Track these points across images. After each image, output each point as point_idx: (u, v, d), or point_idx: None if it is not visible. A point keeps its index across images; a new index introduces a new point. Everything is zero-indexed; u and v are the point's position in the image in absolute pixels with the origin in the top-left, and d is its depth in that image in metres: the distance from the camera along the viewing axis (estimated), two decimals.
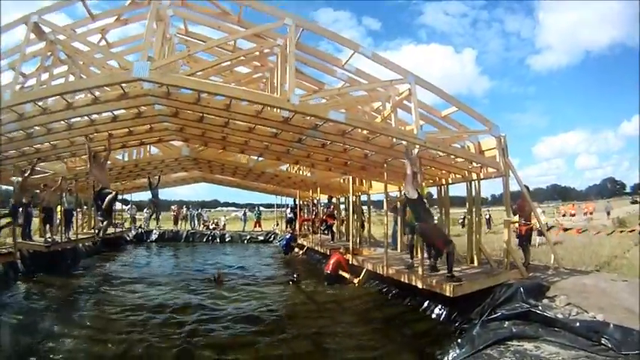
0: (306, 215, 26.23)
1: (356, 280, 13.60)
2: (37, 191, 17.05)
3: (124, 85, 8.51)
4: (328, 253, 16.25)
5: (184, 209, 36.32)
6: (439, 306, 9.87)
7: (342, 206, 22.71)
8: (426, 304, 10.28)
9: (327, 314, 10.95)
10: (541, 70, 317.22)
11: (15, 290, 13.17)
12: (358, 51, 8.88)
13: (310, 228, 24.33)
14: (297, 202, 26.53)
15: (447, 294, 8.93)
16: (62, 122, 10.63)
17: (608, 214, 36.45)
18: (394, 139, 10.02)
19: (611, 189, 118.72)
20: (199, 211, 38.56)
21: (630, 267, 11.70)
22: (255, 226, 34.90)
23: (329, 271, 14.39)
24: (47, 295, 12.72)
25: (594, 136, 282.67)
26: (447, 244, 9.48)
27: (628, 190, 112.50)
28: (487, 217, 32.27)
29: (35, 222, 18.31)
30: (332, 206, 21.89)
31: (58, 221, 18.77)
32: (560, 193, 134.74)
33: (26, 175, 13.83)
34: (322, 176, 18.55)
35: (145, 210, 31.90)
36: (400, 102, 10.22)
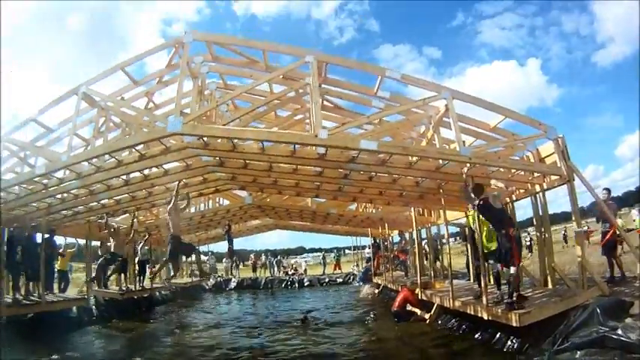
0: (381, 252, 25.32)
1: (427, 316, 12.69)
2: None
3: (165, 140, 9.25)
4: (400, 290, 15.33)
5: (263, 257, 37.08)
6: (510, 337, 8.85)
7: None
8: (497, 336, 9.24)
9: (393, 351, 10.39)
10: (607, 65, 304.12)
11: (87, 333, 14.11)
12: (385, 75, 8.80)
13: (386, 266, 23.16)
14: (376, 241, 25.79)
15: (513, 324, 8.08)
16: (120, 179, 11.72)
17: None
18: (440, 161, 9.48)
19: None
20: (278, 257, 39.10)
21: None
22: (334, 269, 34.61)
23: (396, 309, 13.57)
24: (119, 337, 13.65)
25: None
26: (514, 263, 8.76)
27: None
28: (563, 233, 31.87)
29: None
30: (403, 241, 21.23)
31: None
32: None
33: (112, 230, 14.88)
34: (387, 211, 18.20)
35: (223, 260, 33.40)
36: (440, 120, 9.46)
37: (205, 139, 9.09)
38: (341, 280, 30.49)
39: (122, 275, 18.63)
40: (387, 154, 8.94)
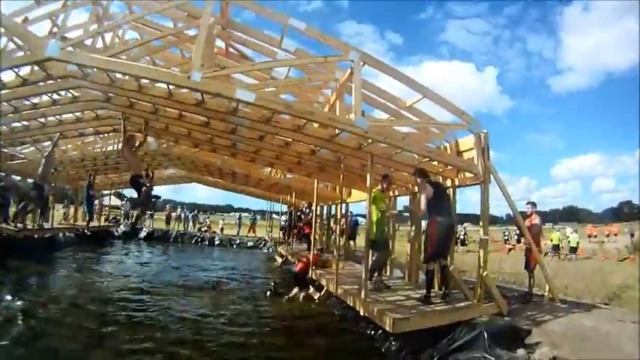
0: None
1: (316, 296, 11.67)
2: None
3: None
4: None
5: (178, 209, 36.07)
6: (390, 338, 7.74)
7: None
8: (379, 332, 8.14)
9: (270, 333, 9.36)
10: (561, 91, 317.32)
11: None
12: (288, 24, 7.77)
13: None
14: (290, 209, 24.80)
15: (387, 328, 6.93)
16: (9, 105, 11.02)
17: (632, 236, 36.09)
18: (337, 130, 8.00)
19: (628, 213, 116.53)
20: (195, 212, 37.90)
21: None
22: (249, 232, 33.82)
23: (297, 271, 12.84)
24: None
25: (612, 159, 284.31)
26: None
27: None
28: (462, 234, 32.20)
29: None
30: (310, 214, 19.85)
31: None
32: (575, 215, 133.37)
33: None
34: (297, 181, 17.39)
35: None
36: (344, 85, 8.05)
37: (87, 70, 7.83)
38: (252, 243, 29.91)
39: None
40: (269, 110, 7.63)
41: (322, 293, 11.33)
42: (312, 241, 13.57)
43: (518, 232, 32.76)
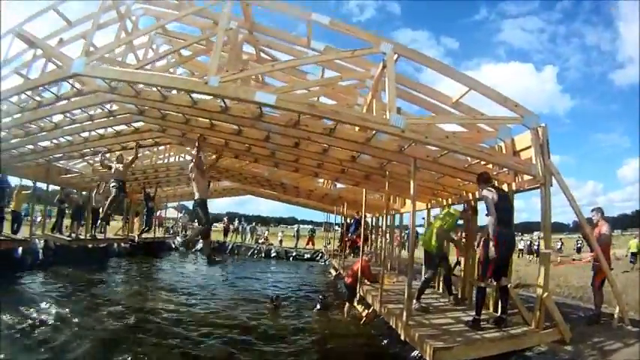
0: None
1: (364, 313, 10.78)
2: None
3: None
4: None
5: (236, 221, 35.95)
6: None
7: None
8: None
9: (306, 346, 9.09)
10: (623, 85, 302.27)
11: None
12: (311, 19, 7.11)
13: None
14: (346, 221, 23.51)
15: (427, 358, 5.90)
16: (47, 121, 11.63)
17: None
18: (372, 132, 7.15)
19: None
20: (253, 224, 37.61)
21: None
22: (307, 244, 33.47)
23: (349, 282, 11.62)
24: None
25: None
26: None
27: None
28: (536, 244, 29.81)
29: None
30: (361, 227, 18.92)
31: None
32: None
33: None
34: (347, 191, 16.52)
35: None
36: (379, 82, 7.21)
37: (114, 83, 7.84)
38: (309, 256, 29.46)
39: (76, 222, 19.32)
40: (293, 112, 6.89)
41: (370, 311, 10.45)
42: (362, 251, 12.55)
43: (578, 241, 31.07)
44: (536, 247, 29.09)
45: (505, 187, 7.94)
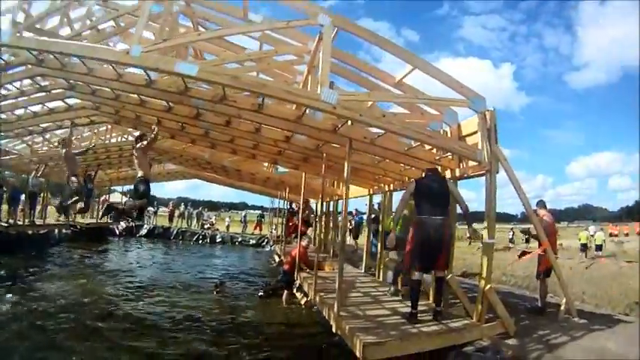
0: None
1: (303, 301, 10.69)
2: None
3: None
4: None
5: (182, 206, 35.38)
6: None
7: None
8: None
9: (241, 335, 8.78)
10: (578, 87, 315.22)
11: None
12: None
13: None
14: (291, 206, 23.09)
15: (357, 353, 5.44)
16: None
17: None
18: (307, 110, 6.67)
19: None
20: (200, 209, 36.94)
21: None
22: (255, 229, 33.19)
23: (286, 269, 11.53)
24: None
25: (629, 157, 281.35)
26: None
27: None
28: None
29: None
30: (307, 211, 18.60)
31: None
32: (590, 213, 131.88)
33: None
34: (290, 175, 15.84)
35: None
36: (315, 55, 6.59)
37: (42, 56, 7.33)
38: (254, 241, 28.86)
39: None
40: (218, 85, 6.40)
41: (308, 299, 10.09)
42: (299, 237, 12.11)
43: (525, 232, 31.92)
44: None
45: (448, 174, 7.58)
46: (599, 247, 24.90)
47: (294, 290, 11.15)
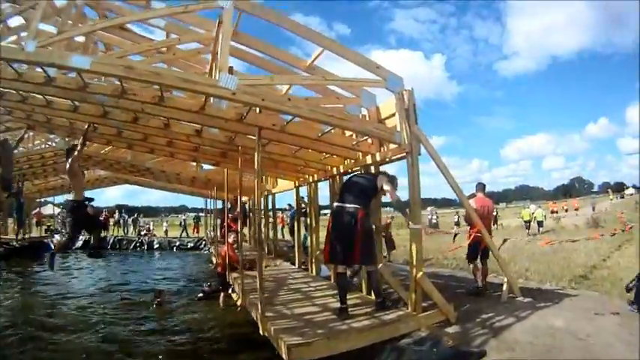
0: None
1: (239, 302, 9.85)
2: None
3: None
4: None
5: (116, 214, 34.66)
6: None
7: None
8: None
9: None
10: (508, 75, 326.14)
11: None
12: None
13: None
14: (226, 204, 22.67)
15: (283, 356, 5.13)
16: None
17: (594, 209, 38.40)
18: (211, 99, 6.25)
19: (578, 188, 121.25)
20: (135, 216, 36.41)
21: (614, 281, 8.56)
22: (194, 231, 32.93)
23: (220, 271, 11.14)
24: None
25: (560, 138, 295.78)
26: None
27: (596, 189, 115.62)
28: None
29: None
30: (236, 210, 18.23)
31: None
32: (527, 193, 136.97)
33: None
34: (214, 173, 15.78)
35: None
36: (217, 41, 5.93)
37: None
38: (192, 244, 27.91)
39: None
40: (113, 77, 5.95)
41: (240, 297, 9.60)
42: (226, 236, 11.85)
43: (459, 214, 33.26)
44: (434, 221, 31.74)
45: (369, 159, 7.39)
46: (540, 223, 26.06)
47: (230, 291, 10.73)
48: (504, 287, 7.29)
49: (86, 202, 7.94)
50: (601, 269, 10.17)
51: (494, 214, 29.70)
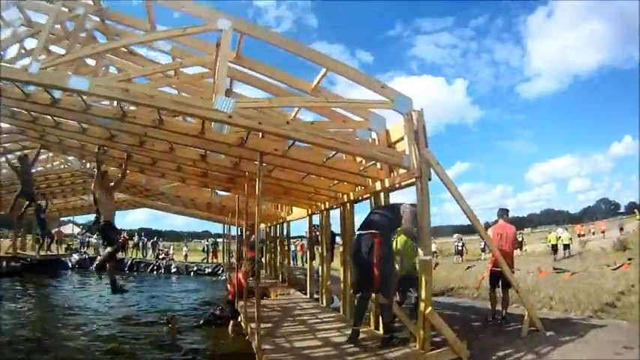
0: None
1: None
2: None
3: None
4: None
5: (135, 237, 34.50)
6: None
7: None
8: None
9: None
10: (530, 97, 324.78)
11: None
12: None
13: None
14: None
15: None
16: None
17: (621, 230, 36.20)
18: (212, 124, 6.24)
19: (605, 209, 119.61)
20: (155, 239, 35.88)
21: None
22: (212, 258, 32.22)
23: (230, 299, 10.79)
24: None
25: (584, 159, 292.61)
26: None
27: (622, 209, 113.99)
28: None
29: None
30: (253, 237, 18.02)
31: None
32: (553, 217, 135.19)
33: None
34: (229, 198, 15.04)
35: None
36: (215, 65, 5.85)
37: None
38: (210, 270, 27.31)
39: None
40: (111, 99, 6.17)
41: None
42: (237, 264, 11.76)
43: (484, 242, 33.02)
44: (459, 248, 30.14)
45: (378, 185, 7.15)
46: (567, 247, 25.45)
47: (239, 319, 10.49)
48: (525, 320, 6.85)
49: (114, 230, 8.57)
50: (629, 295, 9.46)
51: (520, 239, 29.71)
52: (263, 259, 18.46)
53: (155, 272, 27.59)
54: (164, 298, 16.94)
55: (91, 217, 25.11)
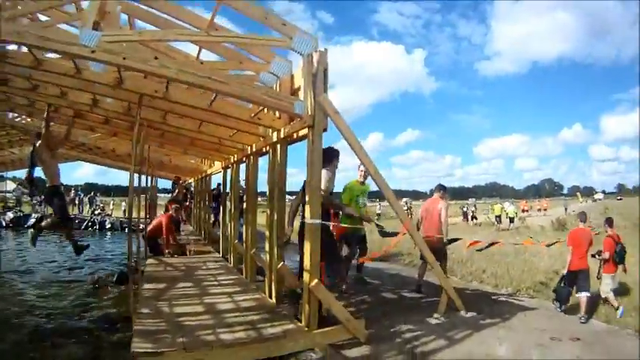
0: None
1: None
2: None
3: None
4: None
5: (72, 192, 33.55)
6: None
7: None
8: None
9: None
10: (488, 75, 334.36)
11: None
12: None
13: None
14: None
15: None
16: None
17: (566, 209, 41.07)
18: (90, 63, 5.49)
19: (549, 189, 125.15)
20: (92, 194, 35.51)
21: None
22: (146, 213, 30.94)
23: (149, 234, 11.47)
24: None
25: (534, 140, 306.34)
26: None
27: (565, 191, 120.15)
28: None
29: None
30: (176, 190, 18.68)
31: None
32: (497, 191, 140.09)
33: None
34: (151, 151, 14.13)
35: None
36: None
37: None
38: (144, 226, 26.37)
39: None
40: None
41: None
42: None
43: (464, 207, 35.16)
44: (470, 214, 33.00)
45: (275, 136, 6.76)
46: (511, 220, 27.82)
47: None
48: (441, 300, 6.47)
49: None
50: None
51: (465, 210, 33.93)
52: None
53: (89, 228, 26.62)
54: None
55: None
